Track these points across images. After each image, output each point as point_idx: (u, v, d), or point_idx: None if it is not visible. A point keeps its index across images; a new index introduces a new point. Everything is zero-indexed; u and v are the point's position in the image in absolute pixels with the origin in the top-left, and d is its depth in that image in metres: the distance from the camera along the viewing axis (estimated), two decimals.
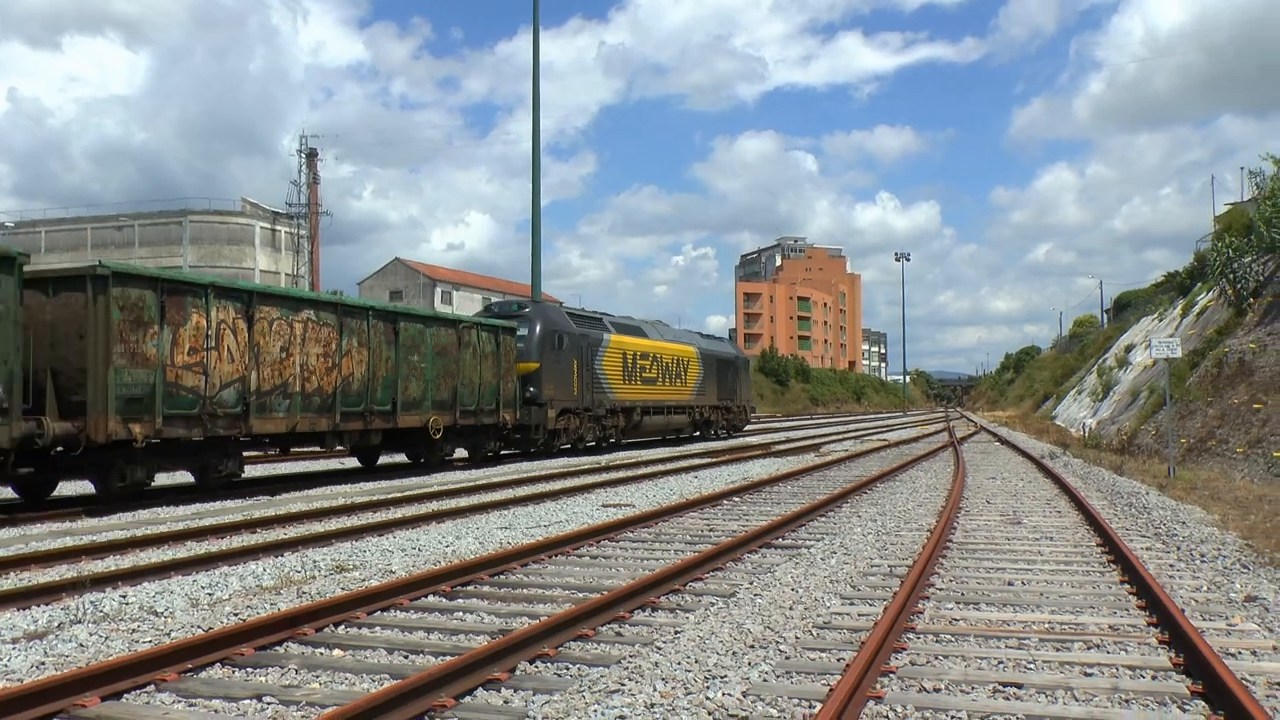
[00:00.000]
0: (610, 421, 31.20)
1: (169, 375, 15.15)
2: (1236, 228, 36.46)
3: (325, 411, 18.64)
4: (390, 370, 20.46)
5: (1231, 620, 7.34)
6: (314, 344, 18.31)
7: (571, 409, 28.64)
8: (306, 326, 18.17)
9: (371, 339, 19.88)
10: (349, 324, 19.30)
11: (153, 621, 7.39)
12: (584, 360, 29.58)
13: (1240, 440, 21.67)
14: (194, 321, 15.65)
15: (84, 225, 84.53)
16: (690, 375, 38.07)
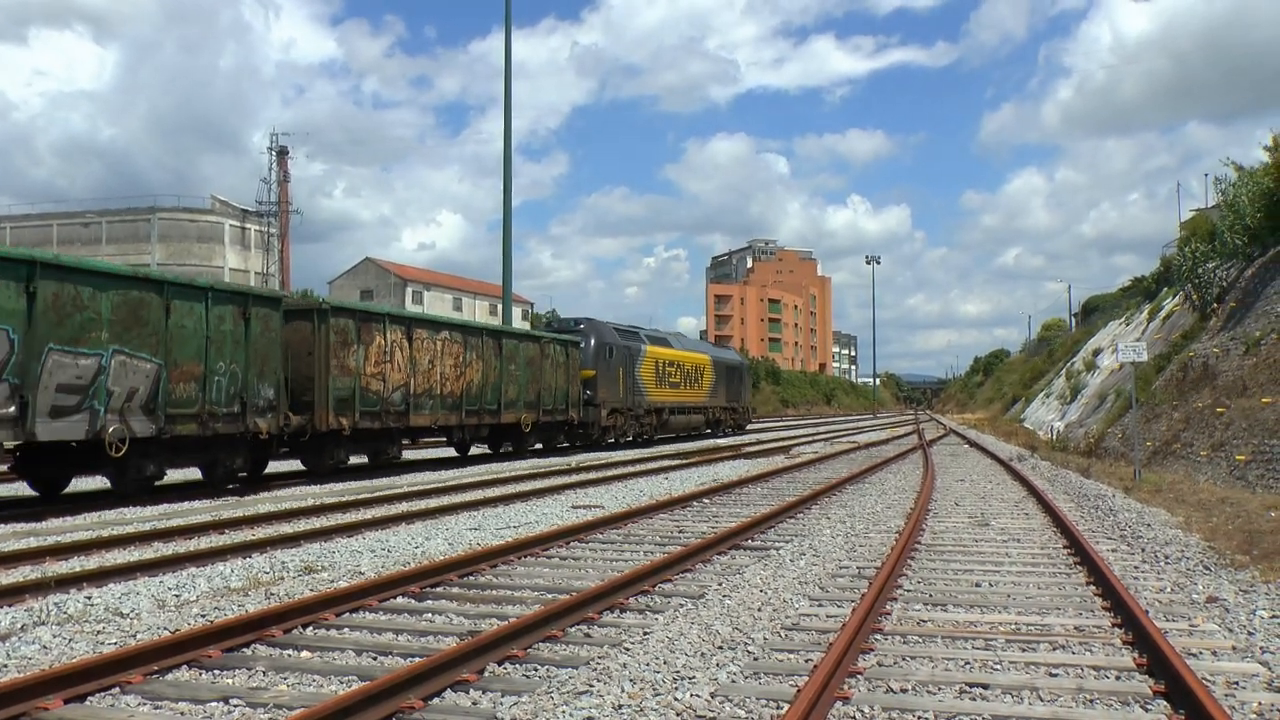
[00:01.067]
0: (646, 420, 36.52)
1: (362, 382, 20.34)
2: (1201, 234, 36.88)
3: (455, 410, 24.01)
4: (496, 378, 25.87)
5: (1194, 621, 7.43)
6: (449, 358, 23.72)
7: (618, 409, 34.05)
8: (443, 344, 23.51)
9: (484, 353, 25.29)
10: (470, 341, 24.71)
11: (118, 623, 7.33)
12: (627, 368, 34.99)
13: (1204, 443, 21.92)
14: (377, 342, 20.90)
15: (50, 221, 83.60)
16: (705, 380, 43.58)
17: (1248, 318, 26.12)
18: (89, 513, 14.12)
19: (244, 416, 17.20)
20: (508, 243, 37.66)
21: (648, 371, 36.83)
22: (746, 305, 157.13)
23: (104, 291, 14.46)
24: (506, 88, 37.72)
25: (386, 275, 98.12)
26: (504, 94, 37.88)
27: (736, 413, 48.86)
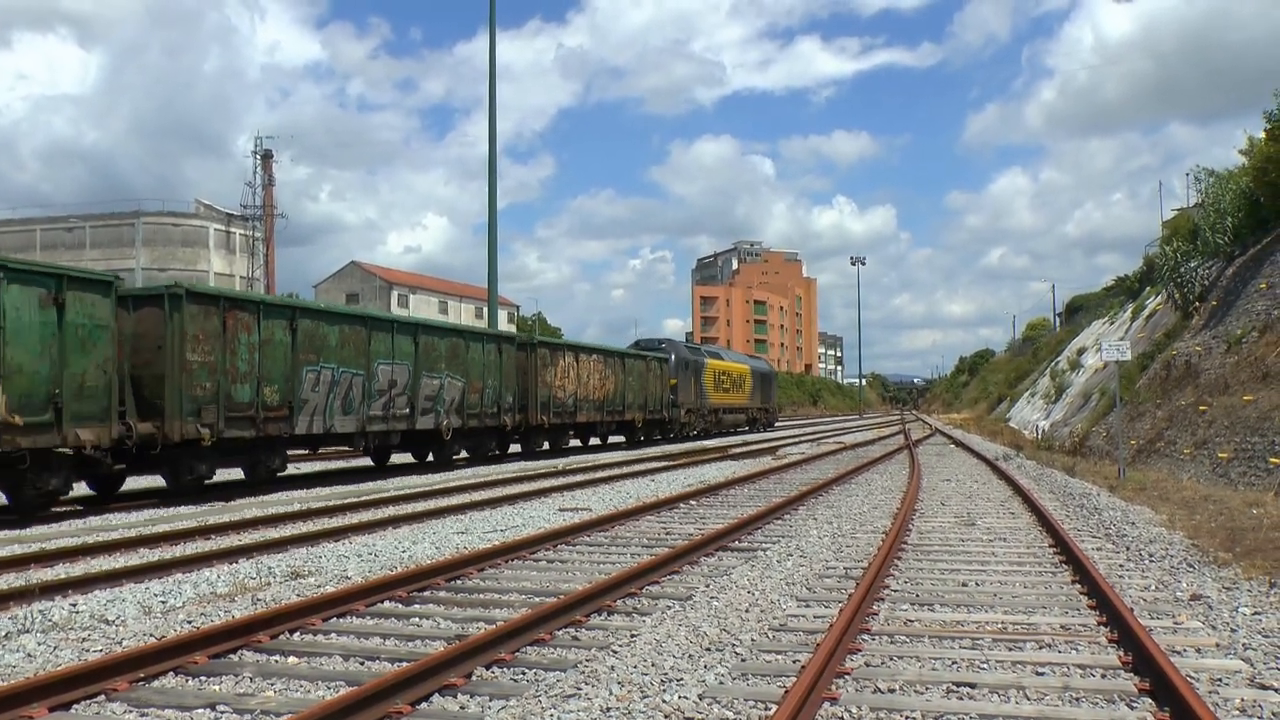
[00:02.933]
0: (709, 418, 47.06)
1: (554, 392, 30.10)
2: (1183, 233, 37.12)
3: (599, 410, 33.63)
4: (622, 387, 35.60)
5: (1178, 619, 7.48)
6: (595, 373, 33.42)
7: (692, 409, 44.19)
8: (593, 364, 33.37)
9: (615, 370, 35.19)
10: (609, 361, 34.82)
11: (104, 630, 7.30)
12: (696, 377, 44.95)
13: (1187, 441, 22.04)
14: (559, 364, 30.64)
15: (33, 226, 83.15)
16: (747, 386, 54.13)
17: (1229, 316, 26.27)
18: (75, 519, 14.06)
19: (498, 415, 27.08)
20: (493, 246, 37.64)
21: (709, 380, 46.89)
22: (732, 307, 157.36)
23: (443, 339, 24.39)
24: (491, 90, 37.70)
25: (372, 279, 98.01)
26: (489, 97, 37.87)
27: (768, 412, 60.02)
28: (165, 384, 15.84)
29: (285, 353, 18.59)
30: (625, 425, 36.69)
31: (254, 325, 17.81)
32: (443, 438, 24.46)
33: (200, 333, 16.45)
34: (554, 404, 29.99)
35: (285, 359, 18.58)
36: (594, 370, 33.21)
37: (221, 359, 16.89)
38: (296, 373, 18.85)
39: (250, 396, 17.66)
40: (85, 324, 14.42)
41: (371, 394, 21.24)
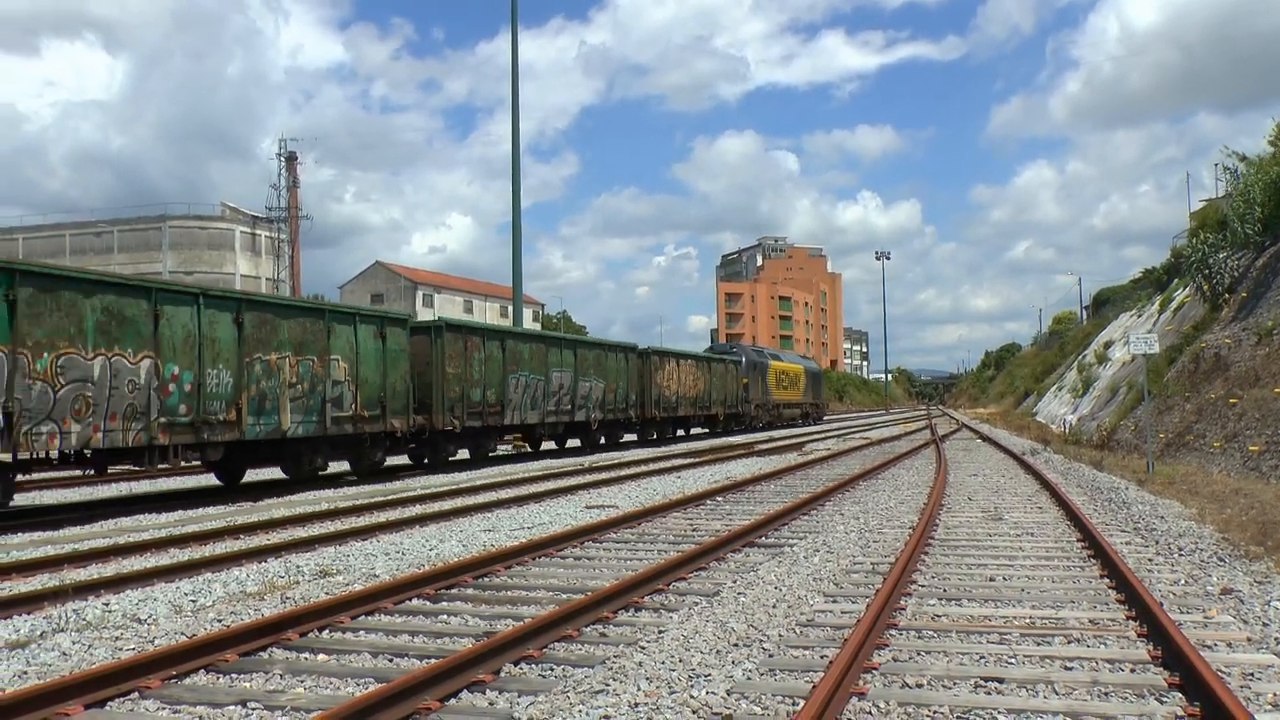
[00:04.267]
0: (773, 412, 54.25)
1: (663, 392, 37.10)
2: (1211, 224, 36.75)
3: (693, 406, 40.81)
4: (709, 387, 42.93)
5: (1208, 613, 7.42)
6: (690, 375, 40.76)
7: (759, 405, 51.30)
8: (688, 368, 40.71)
9: (704, 371, 42.60)
10: (699, 364, 42.46)
11: (136, 629, 7.38)
12: (762, 377, 52.25)
13: (1217, 434, 21.85)
14: (667, 368, 37.86)
15: (63, 232, 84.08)
16: (801, 384, 61.41)
17: (1259, 307, 26.03)
18: (105, 520, 14.20)
19: (626, 410, 33.93)
20: (517, 245, 37.76)
21: (771, 379, 54.23)
22: (757, 303, 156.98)
23: (590, 351, 31.92)
24: (514, 89, 37.79)
25: (397, 279, 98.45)
26: (511, 96, 37.96)
27: (818, 406, 68.05)
28: (433, 389, 22.78)
29: (499, 365, 25.61)
30: (710, 418, 44.14)
31: (481, 346, 24.86)
32: (590, 428, 31.62)
33: (452, 353, 23.47)
34: (663, 401, 37.39)
35: (499, 370, 25.61)
36: (689, 373, 40.84)
37: (464, 371, 23.91)
38: (506, 380, 25.90)
39: (480, 397, 24.69)
40: (395, 349, 21.28)
41: (548, 394, 28.36)
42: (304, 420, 18.49)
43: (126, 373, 14.90)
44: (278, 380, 17.83)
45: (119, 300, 14.91)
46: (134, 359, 15.05)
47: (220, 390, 16.64)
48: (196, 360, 16.13)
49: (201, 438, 16.27)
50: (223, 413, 16.67)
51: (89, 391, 14.36)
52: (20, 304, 13.33)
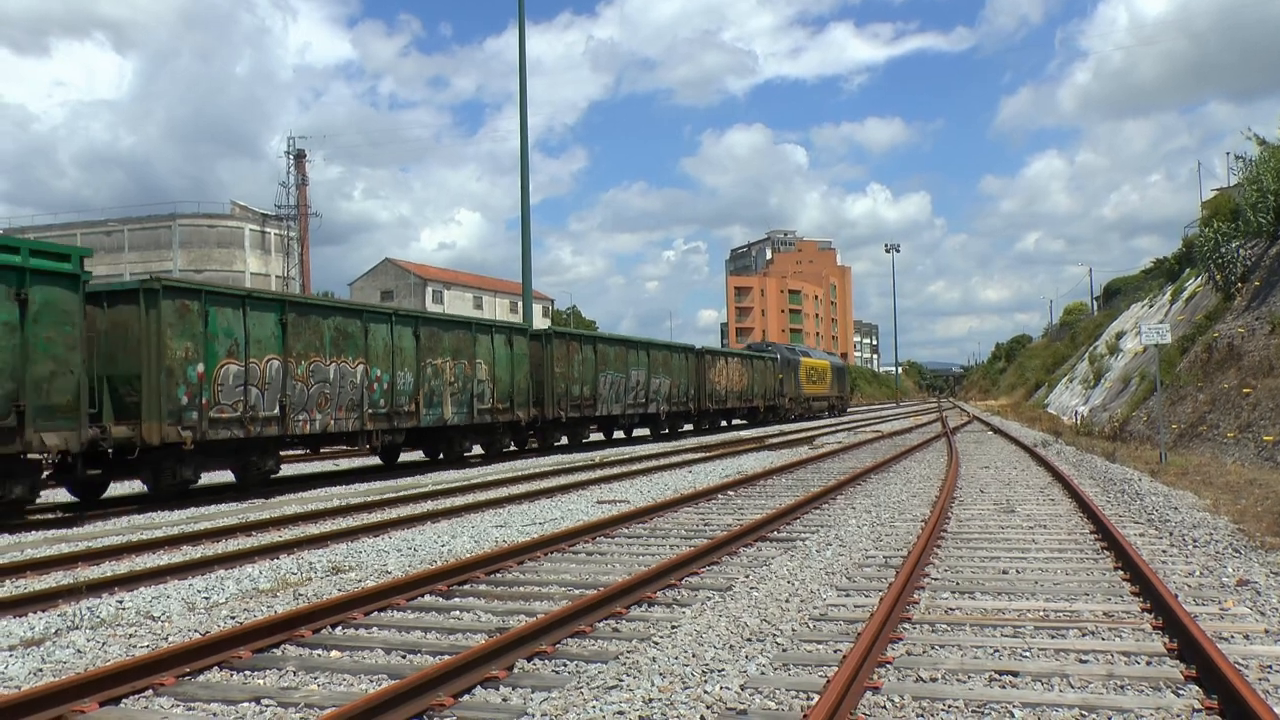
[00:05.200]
0: (803, 405, 58.70)
1: (715, 386, 42.04)
2: (1223, 213, 36.60)
3: (738, 399, 45.78)
4: (751, 382, 47.93)
5: (1224, 604, 7.38)
6: (736, 371, 45.90)
7: (792, 398, 55.96)
8: (734, 364, 45.85)
9: (747, 368, 47.63)
10: (745, 362, 47.71)
11: (149, 626, 7.40)
12: (794, 372, 57.08)
13: (1230, 425, 21.76)
14: (718, 365, 43.10)
15: (73, 231, 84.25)
16: (828, 379, 65.92)
17: (1272, 296, 25.91)
18: (118, 518, 14.24)
19: (687, 403, 38.94)
20: (526, 241, 37.73)
21: (802, 374, 58.98)
22: (767, 296, 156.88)
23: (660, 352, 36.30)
24: (521, 85, 37.76)
25: (406, 275, 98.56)
26: (519, 91, 37.94)
27: (843, 399, 73.61)
28: (545, 386, 27.76)
29: (592, 366, 30.68)
30: (753, 410, 49.05)
31: (579, 349, 30.02)
32: (660, 419, 36.69)
33: (559, 355, 28.49)
34: (714, 395, 42.26)
35: (592, 369, 30.67)
36: (735, 370, 46.01)
37: (567, 370, 28.92)
38: (597, 377, 30.96)
39: (579, 392, 29.68)
40: (519, 353, 26.35)
41: (628, 390, 33.33)
42: (458, 411, 23.51)
43: (349, 375, 19.72)
44: (441, 380, 22.79)
45: (344, 320, 19.68)
46: (353, 365, 19.85)
47: (405, 388, 21.46)
48: (390, 365, 20.94)
49: (393, 425, 21.17)
50: (407, 405, 21.54)
51: (327, 390, 19.10)
52: (288, 326, 17.99)
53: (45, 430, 13.32)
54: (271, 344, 17.65)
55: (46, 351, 13.51)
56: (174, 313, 15.66)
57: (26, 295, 13.24)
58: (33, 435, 13.16)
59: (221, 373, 16.53)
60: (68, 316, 13.83)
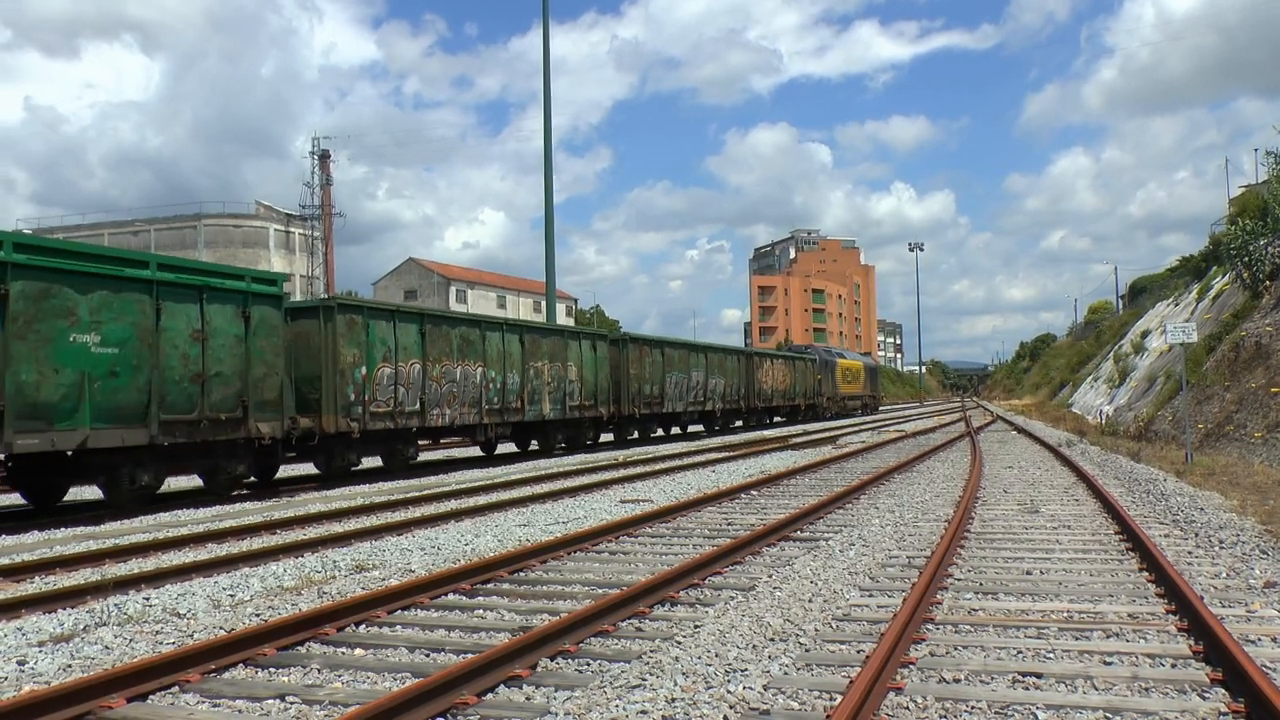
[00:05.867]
0: (839, 404, 61.79)
1: (762, 386, 45.59)
2: (1251, 210, 36.24)
3: (782, 398, 49.16)
4: (793, 382, 51.40)
5: (1251, 607, 7.33)
6: (780, 372, 49.45)
7: (829, 397, 59.19)
8: (779, 364, 49.44)
9: (790, 369, 51.16)
10: (788, 363, 51.21)
11: (176, 623, 7.46)
12: (831, 373, 60.38)
13: (1258, 424, 21.57)
14: (765, 366, 47.10)
15: (101, 231, 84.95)
16: (861, 379, 69.14)
17: None
18: (145, 516, 14.37)
19: (737, 401, 42.23)
20: (550, 241, 37.81)
21: (839, 374, 62.59)
22: (790, 296, 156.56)
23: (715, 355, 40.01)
24: (546, 84, 37.84)
25: (430, 275, 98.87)
26: (543, 91, 38.01)
27: (875, 398, 76.63)
28: (621, 386, 31.13)
29: (660, 367, 33.83)
30: (794, 408, 52.24)
31: (650, 352, 33.25)
32: (715, 415, 40.05)
33: (633, 358, 31.77)
34: (761, 394, 45.48)
35: (660, 370, 33.83)
36: (780, 370, 49.74)
37: (639, 371, 32.13)
38: (664, 378, 34.20)
39: (649, 392, 32.93)
40: (601, 356, 29.96)
41: (690, 389, 36.58)
42: (554, 408, 26.78)
43: (470, 376, 23.02)
44: (541, 380, 26.03)
45: (467, 330, 23.25)
46: (474, 368, 23.15)
47: (514, 387, 24.81)
48: (502, 368, 24.25)
49: (503, 419, 24.54)
50: (514, 402, 24.88)
51: (454, 389, 22.38)
52: (426, 334, 21.41)
53: (260, 420, 16.64)
54: (414, 350, 21.03)
55: (261, 358, 16.66)
56: (345, 325, 18.99)
57: (249, 313, 16.39)
58: (253, 424, 16.44)
59: (378, 374, 19.88)
60: (274, 330, 17.03)
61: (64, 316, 13.36)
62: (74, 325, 13.47)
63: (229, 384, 15.92)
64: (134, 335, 14.31)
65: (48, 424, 13.12)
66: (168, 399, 14.82)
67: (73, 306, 13.48)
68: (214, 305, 15.72)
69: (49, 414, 13.12)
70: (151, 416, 14.49)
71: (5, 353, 12.59)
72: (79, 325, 13.53)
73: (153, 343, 14.55)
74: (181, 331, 15.09)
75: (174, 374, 14.96)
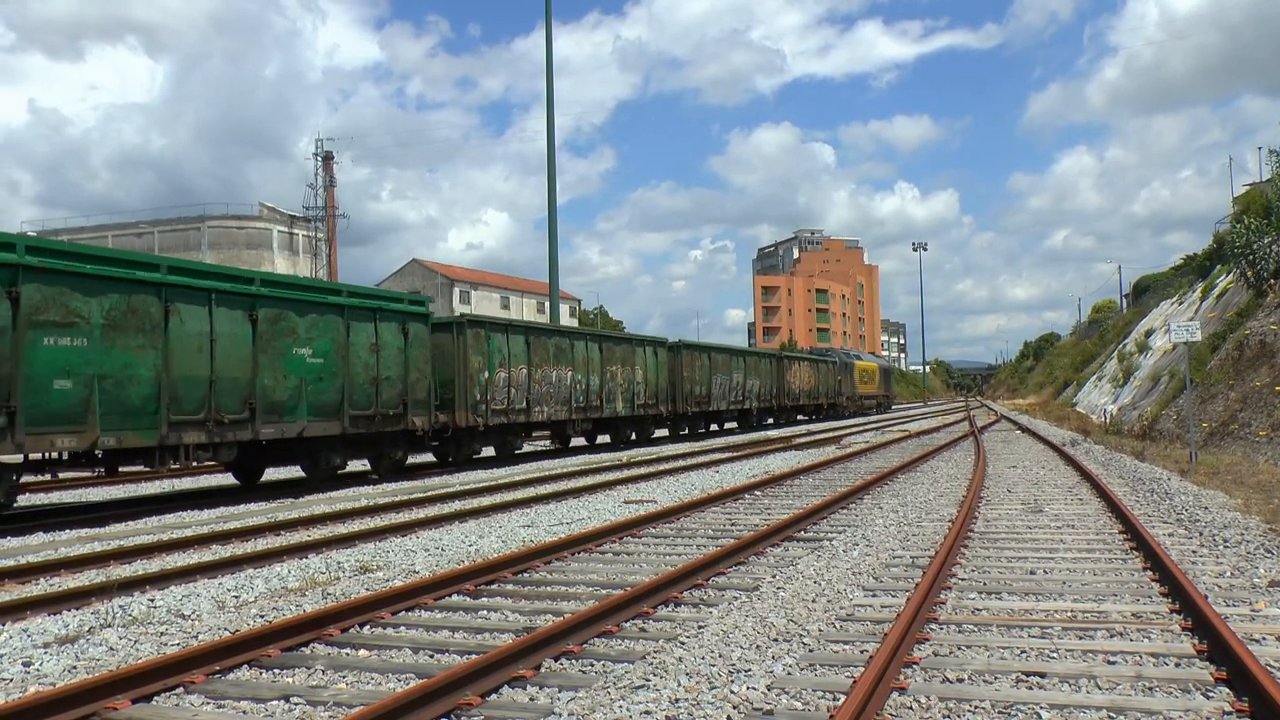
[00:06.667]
0: (857, 402, 66.79)
1: (790, 387, 50.16)
2: (1255, 209, 36.20)
3: (808, 398, 53.60)
4: (817, 382, 55.53)
5: (1255, 606, 7.32)
6: (806, 373, 54.06)
7: (849, 396, 63.94)
8: (805, 366, 54.07)
9: (814, 370, 55.58)
10: (812, 364, 55.99)
11: (180, 624, 7.47)
12: (849, 374, 65.48)
13: (1263, 423, 21.54)
14: (793, 369, 51.45)
15: (105, 233, 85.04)
16: (876, 379, 73.78)
17: None
18: (149, 517, 14.39)
19: (769, 400, 46.32)
20: (553, 241, 37.80)
21: (857, 375, 67.73)
22: (794, 296, 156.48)
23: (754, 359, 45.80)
24: (549, 85, 37.84)
25: (433, 276, 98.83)
26: (546, 92, 38.01)
27: (888, 398, 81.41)
28: (677, 387, 35.88)
29: (707, 370, 38.34)
30: (817, 407, 56.63)
31: (699, 356, 38.05)
32: (752, 414, 44.66)
33: (687, 362, 36.46)
34: (790, 394, 49.98)
35: (708, 373, 38.41)
36: (805, 372, 54.03)
37: (692, 374, 36.84)
38: (711, 379, 38.45)
39: (699, 392, 37.52)
40: (662, 361, 34.62)
41: (731, 389, 41.06)
42: (625, 406, 31.04)
43: (563, 379, 27.11)
44: (615, 382, 30.27)
45: (559, 340, 27.41)
46: (565, 371, 27.23)
47: (595, 388, 29.00)
48: (586, 372, 28.43)
49: (586, 415, 28.69)
50: (595, 401, 29.02)
51: (550, 390, 26.47)
52: (531, 344, 25.57)
53: (415, 415, 20.52)
54: (521, 357, 25.04)
55: (415, 365, 20.48)
56: (472, 338, 23.15)
57: (407, 329, 20.26)
58: (410, 418, 20.33)
59: (496, 378, 23.89)
60: (424, 342, 20.95)
61: (290, 335, 17.09)
62: (296, 342, 17.21)
63: (394, 386, 19.84)
64: (333, 349, 18.14)
65: (279, 417, 16.85)
66: (354, 398, 18.64)
67: (295, 327, 17.26)
68: (384, 323, 19.59)
69: (280, 409, 16.84)
70: (344, 412, 18.37)
71: (255, 363, 16.25)
72: (299, 341, 17.29)
73: (344, 354, 18.41)
74: (363, 345, 18.99)
75: (358, 379, 18.81)
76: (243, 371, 16.02)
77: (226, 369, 15.71)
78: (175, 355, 14.85)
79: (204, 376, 15.34)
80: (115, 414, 13.91)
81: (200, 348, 15.29)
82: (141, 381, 14.34)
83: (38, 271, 13.01)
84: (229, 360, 15.78)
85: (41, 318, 13.03)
